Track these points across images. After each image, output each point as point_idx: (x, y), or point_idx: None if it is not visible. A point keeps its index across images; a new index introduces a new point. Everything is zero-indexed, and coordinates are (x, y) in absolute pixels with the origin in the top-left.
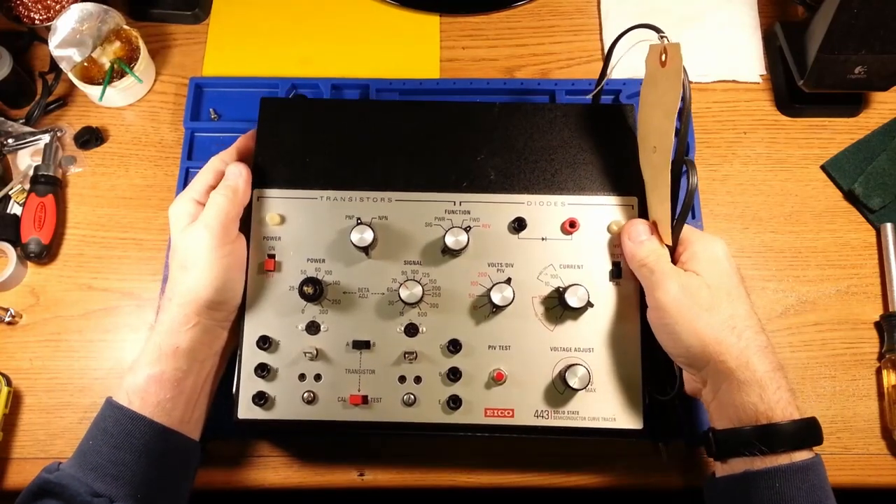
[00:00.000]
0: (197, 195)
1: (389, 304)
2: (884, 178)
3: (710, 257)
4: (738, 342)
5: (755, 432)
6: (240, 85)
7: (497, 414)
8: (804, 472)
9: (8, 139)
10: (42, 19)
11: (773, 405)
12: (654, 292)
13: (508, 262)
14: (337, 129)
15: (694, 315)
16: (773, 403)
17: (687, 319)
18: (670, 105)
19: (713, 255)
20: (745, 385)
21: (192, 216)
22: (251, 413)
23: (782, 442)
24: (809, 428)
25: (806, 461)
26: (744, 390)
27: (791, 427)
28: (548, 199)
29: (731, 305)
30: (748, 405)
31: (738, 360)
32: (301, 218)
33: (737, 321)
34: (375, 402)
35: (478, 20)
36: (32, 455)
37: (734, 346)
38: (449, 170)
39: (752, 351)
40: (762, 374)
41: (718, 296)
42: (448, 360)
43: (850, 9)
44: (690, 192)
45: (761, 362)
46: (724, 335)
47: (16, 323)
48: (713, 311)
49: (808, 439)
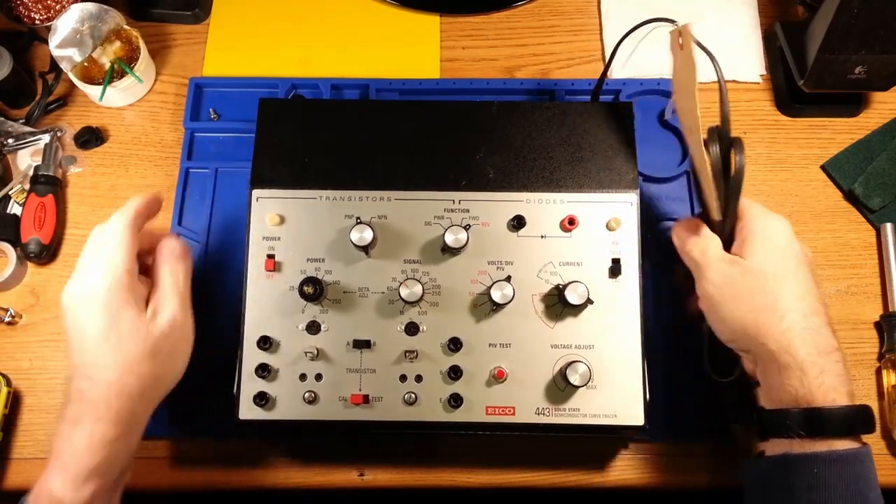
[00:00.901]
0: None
1: (389, 303)
2: (884, 178)
3: (763, 237)
4: (780, 325)
5: (795, 415)
6: (240, 85)
7: (498, 412)
8: (846, 461)
9: (8, 139)
10: (42, 19)
11: (813, 389)
12: (699, 283)
13: (508, 260)
14: (336, 128)
15: (735, 300)
16: (813, 388)
17: (728, 306)
18: (690, 84)
19: (767, 234)
20: (784, 369)
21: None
22: (252, 413)
23: (822, 427)
24: (857, 416)
25: (850, 451)
26: (783, 374)
27: (835, 413)
28: (547, 197)
29: (776, 287)
30: (788, 388)
31: (778, 343)
32: (300, 218)
33: (781, 303)
34: (376, 401)
35: (478, 20)
36: (32, 455)
37: (774, 328)
38: (448, 168)
39: (795, 333)
40: (803, 357)
41: (764, 279)
42: (449, 358)
43: (850, 9)
44: (739, 170)
45: (804, 345)
46: (763, 318)
47: (16, 323)
48: (756, 295)
49: (854, 427)
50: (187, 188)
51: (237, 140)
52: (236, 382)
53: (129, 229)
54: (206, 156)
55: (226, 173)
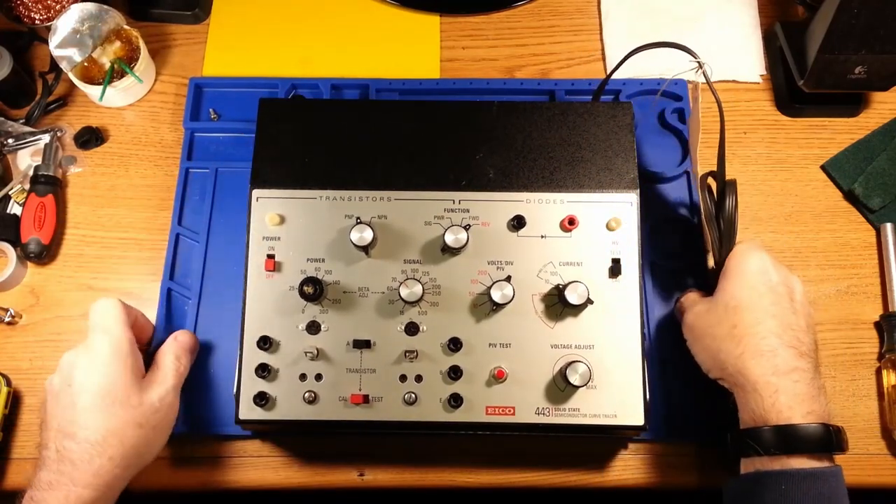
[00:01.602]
0: None
1: (389, 303)
2: (884, 178)
3: (735, 273)
4: (735, 349)
5: (756, 434)
6: (240, 85)
7: (498, 412)
8: (814, 478)
9: (8, 139)
10: (42, 19)
11: (767, 408)
12: (682, 328)
13: (508, 259)
14: (335, 128)
15: (703, 335)
16: (766, 407)
17: (699, 342)
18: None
19: (740, 270)
20: (741, 390)
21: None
22: (252, 413)
23: (780, 444)
24: (816, 434)
25: (818, 468)
26: (741, 395)
27: (791, 431)
28: (547, 197)
29: (734, 316)
30: (747, 409)
31: (734, 367)
32: (300, 218)
33: (737, 329)
34: (376, 401)
35: (478, 20)
36: (32, 455)
37: (731, 353)
38: (448, 168)
39: (748, 356)
40: (756, 378)
41: (724, 310)
42: (449, 358)
43: (850, 9)
44: (729, 213)
45: (757, 366)
46: (724, 345)
47: (16, 323)
48: (717, 326)
49: (819, 445)
50: (187, 188)
51: (237, 140)
52: (236, 382)
53: (121, 305)
54: (206, 156)
55: (226, 173)
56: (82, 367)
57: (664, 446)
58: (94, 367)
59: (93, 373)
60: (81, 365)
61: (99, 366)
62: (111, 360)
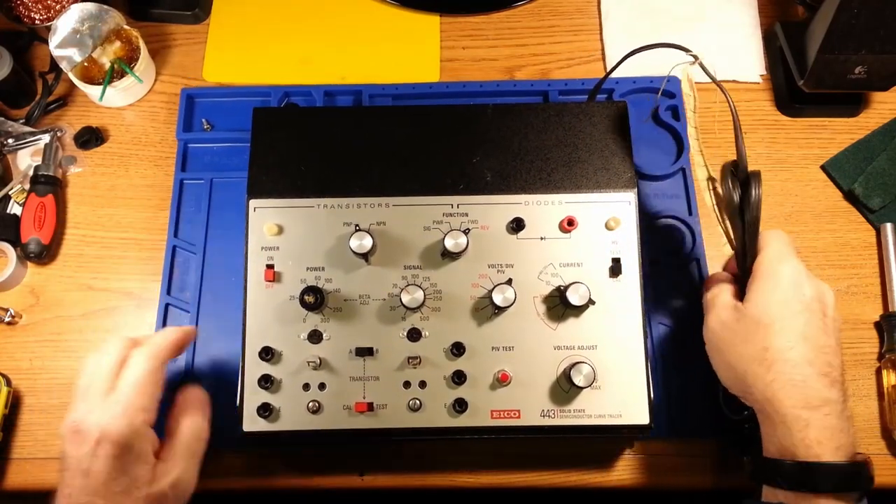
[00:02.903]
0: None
1: (391, 310)
2: (884, 178)
3: (767, 282)
4: (766, 375)
5: (783, 467)
6: (232, 94)
7: (503, 415)
8: None
9: (8, 139)
10: (42, 19)
11: (796, 443)
12: (704, 327)
13: (508, 262)
14: (331, 136)
15: (727, 347)
16: (796, 442)
17: (722, 353)
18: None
19: (774, 279)
20: (769, 420)
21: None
22: (256, 425)
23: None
24: (848, 473)
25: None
26: (768, 425)
27: (822, 469)
28: (545, 199)
29: (767, 336)
30: (774, 439)
31: (762, 394)
32: (299, 227)
33: (769, 353)
34: (381, 408)
35: (478, 20)
36: (32, 455)
37: (760, 379)
38: (445, 173)
39: (780, 385)
40: (786, 410)
41: (756, 327)
42: (452, 363)
43: (850, 9)
44: (754, 205)
45: (788, 398)
46: (752, 368)
47: (16, 323)
48: (746, 344)
49: (844, 484)
50: (182, 199)
51: (231, 150)
52: (239, 394)
53: (155, 374)
54: (201, 166)
55: (221, 184)
56: (97, 448)
57: (668, 446)
58: (106, 448)
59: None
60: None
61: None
62: (126, 442)
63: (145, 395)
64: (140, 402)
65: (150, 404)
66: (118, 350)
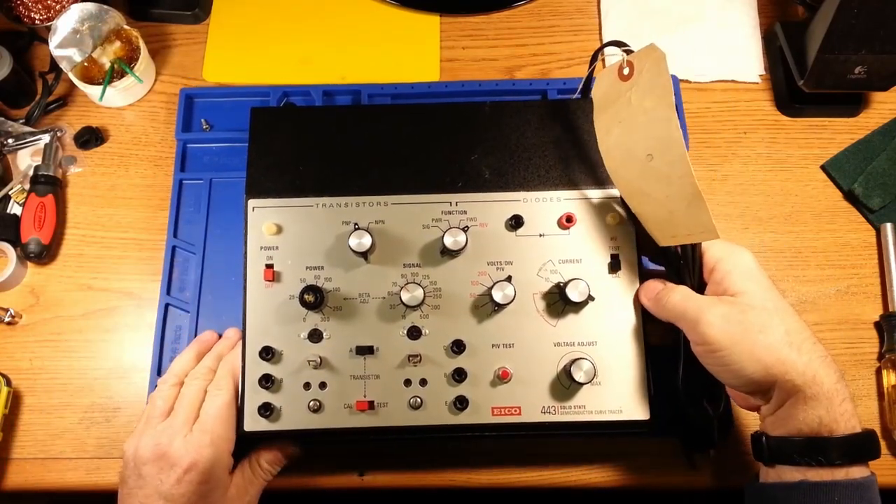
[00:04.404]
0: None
1: (391, 308)
2: (884, 178)
3: (744, 272)
4: (801, 357)
5: (813, 443)
6: (231, 94)
7: (504, 412)
8: (862, 488)
9: (8, 139)
10: (42, 19)
11: (837, 417)
12: (696, 329)
13: (507, 259)
14: (329, 135)
15: (749, 341)
16: (837, 416)
17: (742, 348)
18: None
19: (747, 269)
20: (812, 399)
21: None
22: (257, 425)
23: (840, 455)
24: (867, 441)
25: (865, 478)
26: (810, 404)
27: (850, 440)
28: (543, 196)
29: (782, 321)
30: (813, 418)
31: (804, 375)
32: (298, 226)
33: (793, 336)
34: (382, 407)
35: (478, 20)
36: (32, 455)
37: (798, 361)
38: (443, 171)
39: (817, 364)
40: (829, 386)
41: (767, 314)
42: (452, 360)
43: (850, 9)
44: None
45: (827, 374)
46: (784, 353)
47: (16, 323)
48: (767, 332)
49: (865, 453)
50: (182, 199)
51: (230, 150)
52: (240, 394)
53: (233, 404)
54: (200, 166)
55: (220, 183)
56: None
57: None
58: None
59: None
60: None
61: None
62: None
63: (228, 425)
64: (224, 432)
65: (232, 433)
66: (203, 375)
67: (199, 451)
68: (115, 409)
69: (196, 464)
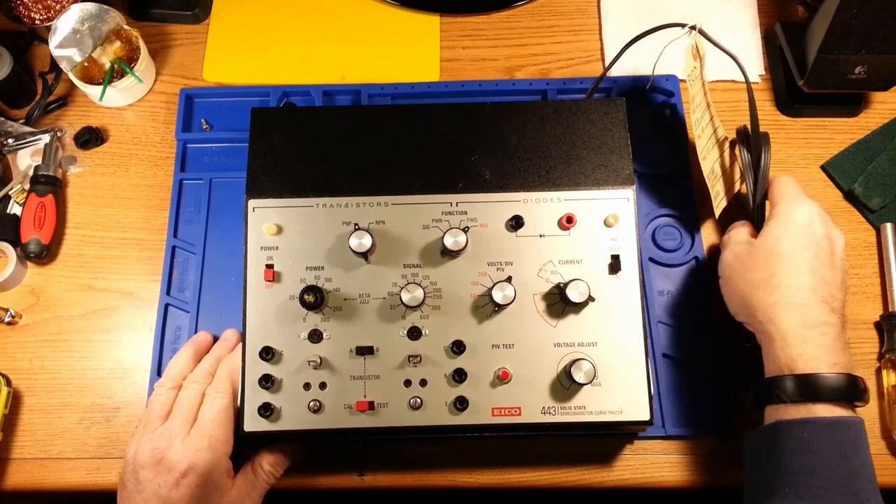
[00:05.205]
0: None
1: (391, 309)
2: (884, 178)
3: (783, 219)
4: (769, 298)
5: (781, 382)
6: (231, 94)
7: (504, 413)
8: (834, 426)
9: (8, 139)
10: (42, 19)
11: (794, 357)
12: (720, 261)
13: (508, 260)
14: (329, 135)
15: (737, 275)
16: (794, 356)
17: (733, 282)
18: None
19: (789, 217)
20: (770, 339)
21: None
22: (257, 425)
23: (805, 392)
24: (843, 384)
25: (837, 417)
26: (770, 344)
27: (819, 379)
28: (544, 196)
29: (775, 264)
30: (774, 357)
31: (765, 314)
32: (298, 227)
33: (775, 278)
34: (382, 407)
35: (478, 20)
36: (32, 455)
37: (764, 301)
38: (444, 171)
39: (780, 307)
40: (786, 328)
41: (766, 256)
42: (452, 361)
43: (850, 9)
44: (765, 163)
45: (787, 318)
46: (758, 292)
47: (16, 323)
48: (754, 271)
49: (839, 394)
50: (182, 199)
51: (230, 150)
52: (240, 394)
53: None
54: (200, 166)
55: (220, 184)
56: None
57: (668, 445)
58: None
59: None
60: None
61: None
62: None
63: (226, 428)
64: (222, 436)
65: (230, 437)
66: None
67: (197, 455)
68: (115, 409)
69: (194, 467)
